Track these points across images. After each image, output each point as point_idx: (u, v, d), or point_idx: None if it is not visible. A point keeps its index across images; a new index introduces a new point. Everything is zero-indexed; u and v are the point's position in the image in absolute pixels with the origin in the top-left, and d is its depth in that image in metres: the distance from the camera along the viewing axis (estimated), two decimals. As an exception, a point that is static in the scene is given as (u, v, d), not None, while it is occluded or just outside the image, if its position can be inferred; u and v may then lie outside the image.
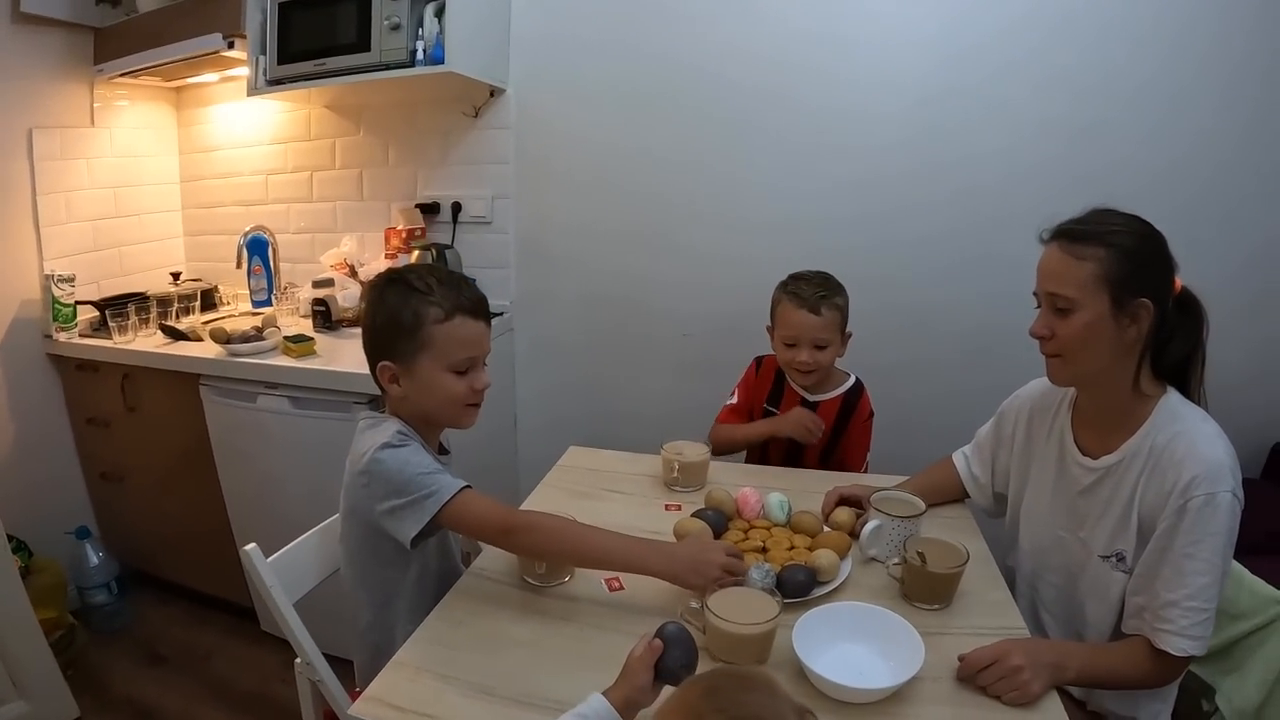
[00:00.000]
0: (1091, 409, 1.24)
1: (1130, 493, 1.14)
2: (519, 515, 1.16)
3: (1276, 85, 1.91)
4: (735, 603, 1.02)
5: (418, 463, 1.13)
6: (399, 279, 1.18)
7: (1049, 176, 2.05)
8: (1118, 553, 1.16)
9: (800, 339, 1.67)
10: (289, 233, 2.60)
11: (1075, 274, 1.10)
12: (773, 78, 2.14)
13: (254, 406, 2.02)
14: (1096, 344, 1.12)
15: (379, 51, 1.94)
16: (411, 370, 1.17)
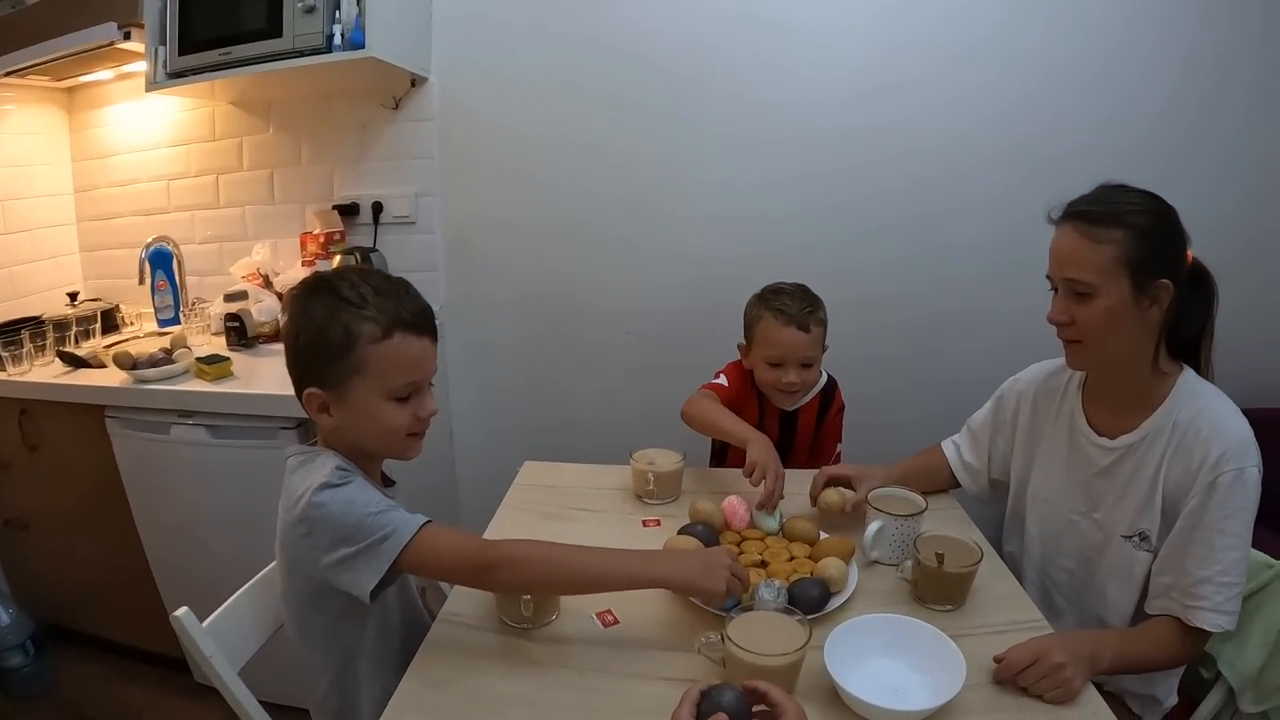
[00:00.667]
0: (1107, 390, 1.20)
1: (1154, 471, 1.11)
2: (495, 547, 1.00)
3: (1226, 71, 1.97)
4: (756, 630, 0.91)
5: (364, 501, 0.96)
6: (325, 286, 1.00)
7: (1000, 167, 2.07)
8: (1141, 532, 1.14)
9: (787, 359, 1.55)
10: (195, 243, 2.37)
11: (1094, 258, 1.06)
12: (712, 64, 2.07)
13: (167, 439, 1.81)
14: (1118, 328, 1.08)
15: (292, 37, 1.76)
16: (344, 398, 0.99)
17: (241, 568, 1.66)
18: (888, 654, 0.97)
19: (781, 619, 0.95)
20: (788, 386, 1.57)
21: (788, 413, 1.67)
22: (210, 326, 2.19)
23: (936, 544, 1.14)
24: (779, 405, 1.65)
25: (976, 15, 1.99)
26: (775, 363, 1.57)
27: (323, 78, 2.01)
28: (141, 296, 2.33)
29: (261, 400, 1.71)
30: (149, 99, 2.21)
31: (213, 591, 1.78)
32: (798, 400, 1.67)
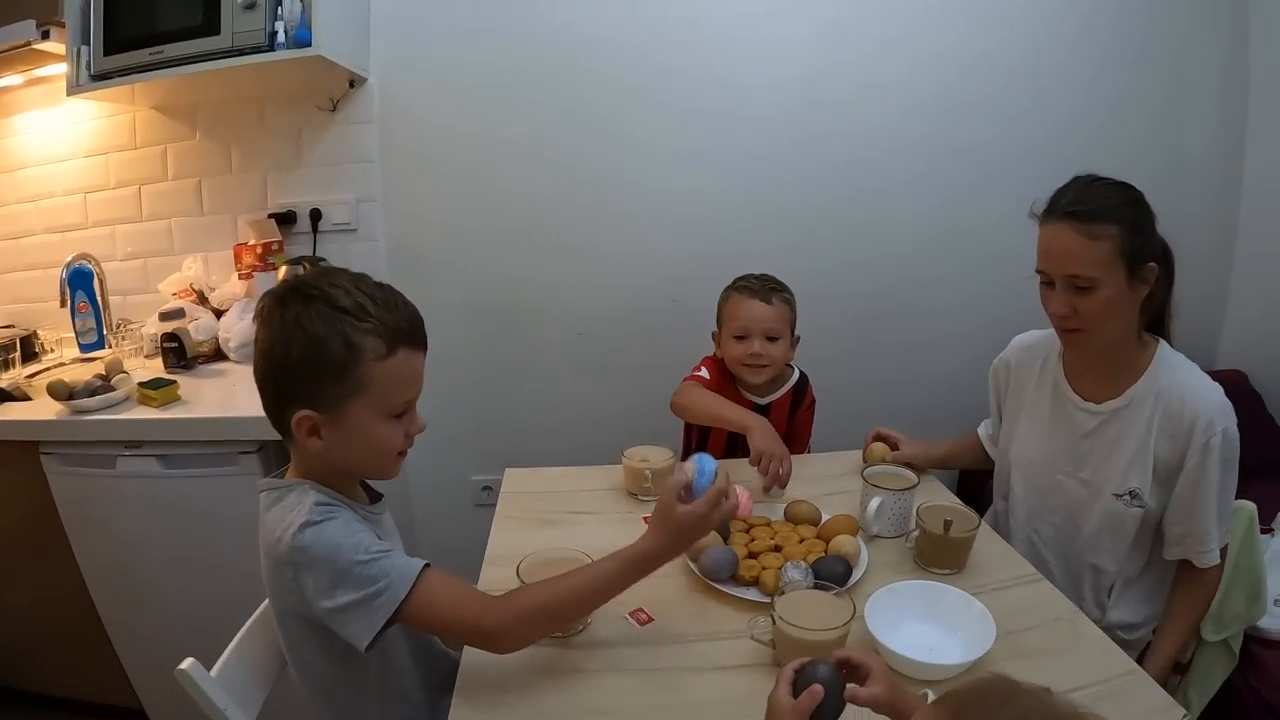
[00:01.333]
0: (1093, 361, 1.29)
1: (1142, 435, 1.22)
2: (492, 614, 0.90)
3: (1142, 61, 2.17)
4: (802, 608, 0.94)
5: (353, 545, 0.86)
6: (318, 294, 0.88)
7: (928, 150, 2.20)
8: (1131, 490, 1.24)
9: (751, 330, 1.62)
10: (116, 260, 2.19)
11: (1094, 254, 1.14)
12: (656, 65, 2.10)
13: (113, 473, 1.67)
14: (1116, 314, 1.18)
15: (231, 35, 1.65)
16: (339, 419, 0.89)
17: (204, 606, 1.55)
18: (921, 618, 1.02)
19: (822, 596, 0.98)
20: (753, 359, 1.62)
21: (760, 406, 1.70)
22: (143, 349, 2.04)
23: (936, 513, 1.21)
24: (749, 380, 1.67)
25: (899, 14, 2.11)
26: (740, 335, 1.63)
27: (258, 79, 1.90)
28: (59, 321, 2.15)
29: (219, 424, 1.62)
30: (61, 106, 2.04)
31: (172, 635, 1.67)
32: (772, 392, 1.71)
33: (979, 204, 2.23)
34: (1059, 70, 2.16)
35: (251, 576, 1.56)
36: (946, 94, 2.16)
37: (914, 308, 2.32)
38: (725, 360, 1.69)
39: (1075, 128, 2.19)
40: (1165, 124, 2.22)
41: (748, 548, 1.20)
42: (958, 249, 2.27)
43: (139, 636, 1.83)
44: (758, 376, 1.66)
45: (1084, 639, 1.03)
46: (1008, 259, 2.22)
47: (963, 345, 2.33)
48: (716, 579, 1.12)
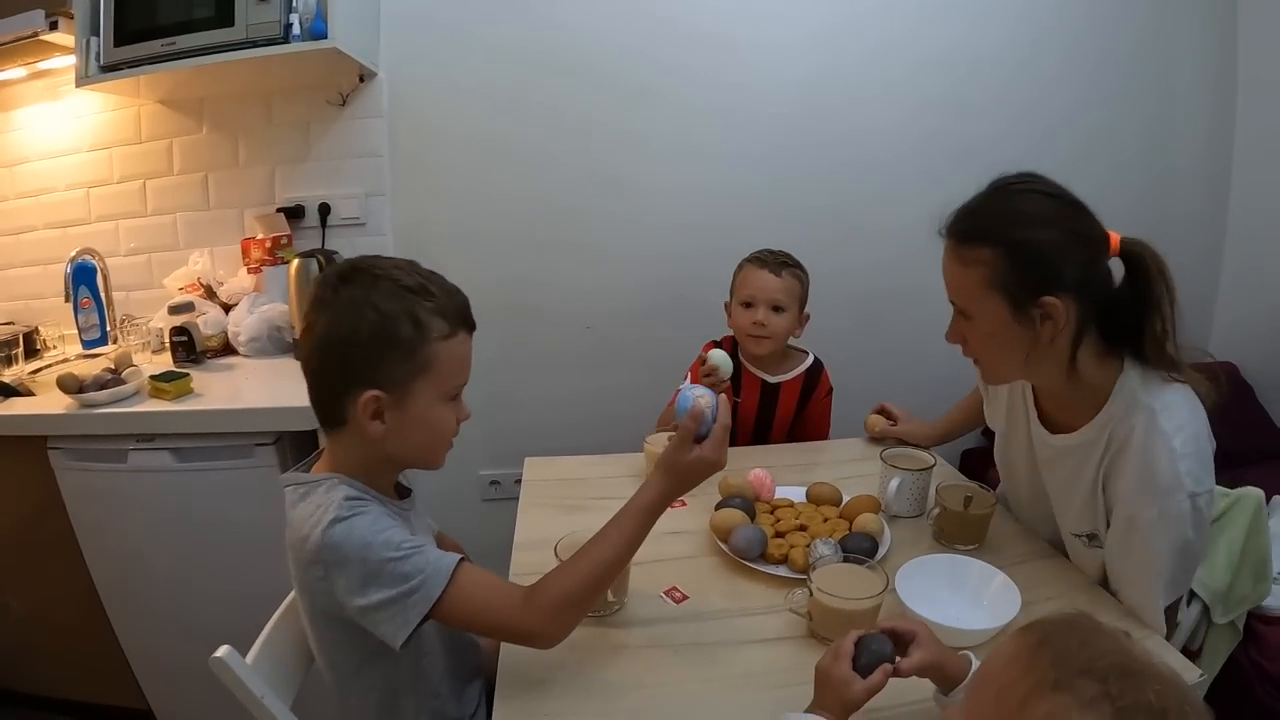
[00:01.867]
0: (1046, 394, 1.16)
1: (1091, 481, 1.06)
2: (531, 613, 0.88)
3: (1139, 61, 2.23)
4: (837, 581, 0.97)
5: (383, 542, 0.85)
6: (382, 273, 0.89)
7: (929, 151, 2.23)
8: (1088, 533, 1.11)
9: (757, 299, 1.66)
10: (120, 255, 2.18)
11: (963, 281, 1.01)
12: (662, 62, 2.12)
13: (124, 467, 1.66)
14: (1003, 348, 1.02)
15: (245, 26, 1.65)
16: (404, 401, 0.89)
17: (216, 603, 1.59)
18: (948, 589, 1.05)
19: (854, 569, 1.01)
20: (756, 327, 1.65)
21: (769, 385, 1.73)
22: (150, 344, 2.03)
23: (956, 492, 1.24)
24: (751, 350, 1.71)
25: (904, 10, 2.14)
26: (747, 303, 1.67)
27: (267, 73, 1.89)
28: (59, 318, 2.12)
29: (236, 415, 1.61)
30: (63, 100, 2.03)
31: (183, 634, 1.71)
32: (773, 366, 1.74)
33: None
34: (1056, 72, 2.22)
35: (267, 571, 1.55)
36: (946, 95, 2.20)
37: (914, 307, 2.31)
38: (733, 329, 1.73)
39: (1072, 127, 2.24)
40: (1157, 124, 2.29)
41: (774, 528, 1.22)
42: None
43: (148, 635, 1.81)
44: (759, 347, 1.69)
45: (1101, 607, 1.05)
46: None
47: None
48: (747, 557, 1.14)
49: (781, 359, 1.76)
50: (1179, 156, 2.31)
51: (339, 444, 0.95)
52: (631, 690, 0.92)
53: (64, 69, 1.97)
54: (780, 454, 1.63)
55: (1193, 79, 2.28)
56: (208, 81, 1.97)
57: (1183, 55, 2.26)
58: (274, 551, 1.62)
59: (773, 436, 1.77)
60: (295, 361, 1.84)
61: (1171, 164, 2.29)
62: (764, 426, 1.76)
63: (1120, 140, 2.25)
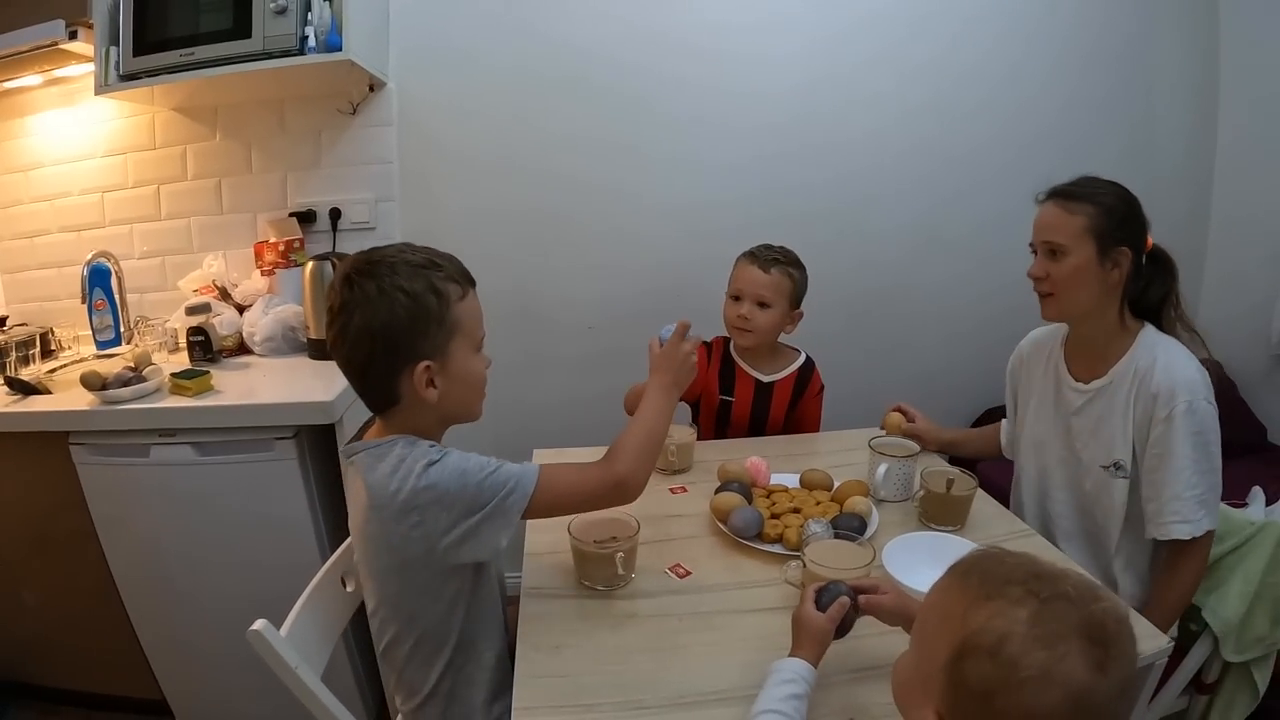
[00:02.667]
0: (1082, 343, 1.43)
1: (1123, 409, 1.33)
2: (613, 468, 1.05)
3: (1122, 69, 2.30)
4: (828, 554, 1.05)
5: (475, 466, 0.98)
6: (394, 259, 1.00)
7: (917, 158, 2.31)
8: (1116, 462, 1.34)
9: (744, 292, 1.71)
10: (134, 258, 2.24)
11: (1068, 225, 1.31)
12: (660, 69, 2.19)
13: (147, 461, 1.71)
14: (1083, 283, 1.32)
15: (262, 38, 1.72)
16: (448, 362, 1.01)
17: (232, 590, 1.64)
18: (932, 564, 1.10)
19: (844, 545, 1.09)
20: (740, 320, 1.71)
21: (762, 384, 1.80)
22: (166, 344, 2.09)
23: (939, 475, 1.33)
24: (737, 342, 1.77)
25: (891, 21, 2.22)
26: (736, 295, 1.73)
27: (280, 82, 1.96)
28: (74, 319, 2.19)
29: (256, 410, 1.67)
30: (78, 107, 2.09)
31: (199, 624, 1.78)
32: (765, 363, 1.80)
33: (965, 209, 2.34)
34: (1041, 81, 2.28)
35: (284, 562, 1.64)
36: (933, 103, 2.27)
37: (903, 308, 2.43)
38: (724, 320, 1.79)
39: (1057, 135, 2.31)
40: (1140, 131, 2.35)
41: (770, 510, 1.30)
42: (943, 254, 2.38)
43: (166, 626, 1.85)
44: (742, 339, 1.75)
45: None
46: (992, 264, 2.38)
47: (948, 344, 2.46)
48: (745, 536, 1.23)
49: (774, 357, 1.82)
50: (1162, 163, 2.37)
51: (393, 420, 1.05)
52: (640, 654, 1.00)
53: (80, 76, 2.04)
54: (774, 445, 1.71)
55: (1175, 87, 2.35)
56: (221, 90, 2.03)
57: (1165, 64, 2.33)
58: (291, 543, 1.74)
59: (766, 434, 1.83)
60: (309, 360, 1.96)
61: (1155, 170, 2.34)
62: (758, 424, 1.82)
63: (1104, 147, 2.31)
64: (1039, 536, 1.33)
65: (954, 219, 2.36)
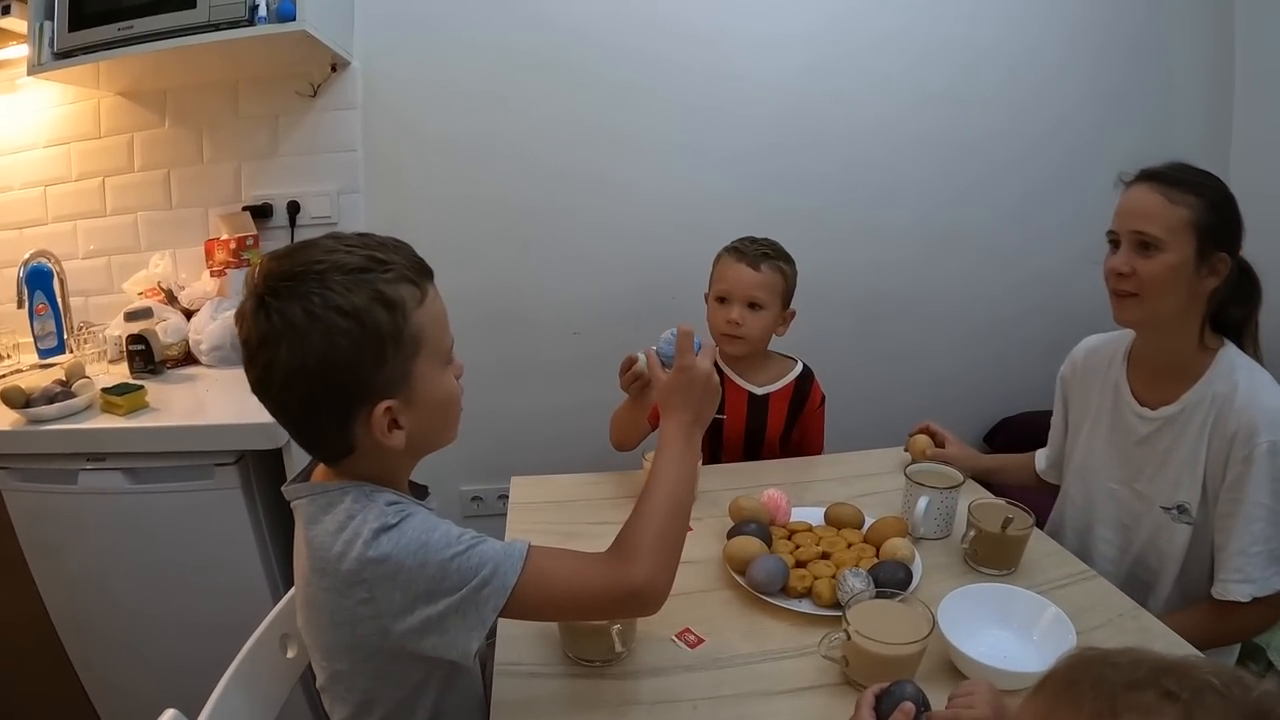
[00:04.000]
0: (1151, 359, 1.23)
1: (1194, 443, 1.14)
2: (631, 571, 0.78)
3: (1138, 55, 2.18)
4: (876, 620, 0.85)
5: (440, 539, 0.74)
6: (322, 266, 0.73)
7: (929, 147, 2.16)
8: (1180, 505, 1.16)
9: (733, 294, 1.51)
10: (78, 258, 2.04)
11: (1167, 215, 1.10)
12: (651, 50, 2.02)
13: (75, 489, 1.52)
14: (1175, 287, 1.11)
15: (208, 8, 1.53)
16: (412, 392, 0.77)
17: (183, 635, 1.49)
18: (995, 623, 0.96)
19: (894, 607, 0.90)
20: (730, 326, 1.51)
21: (756, 397, 1.60)
22: (106, 353, 1.89)
23: (993, 511, 1.14)
24: (726, 350, 1.56)
25: (898, 8, 2.07)
26: (722, 297, 1.53)
27: (234, 60, 1.77)
28: (14, 325, 1.97)
29: (192, 433, 1.48)
30: (18, 93, 1.89)
31: (148, 667, 1.61)
32: (770, 383, 1.60)
33: (981, 202, 2.22)
34: (1057, 66, 2.16)
35: (230, 598, 1.46)
36: (947, 89, 2.13)
37: (912, 310, 2.30)
38: (709, 326, 1.59)
39: (1073, 123, 2.19)
40: (1156, 119, 2.24)
41: (794, 555, 1.10)
42: (958, 250, 2.25)
43: (107, 665, 1.68)
44: (733, 347, 1.54)
45: (1151, 634, 0.98)
46: (1008, 260, 2.27)
47: (963, 346, 2.34)
48: (767, 592, 1.02)
49: (767, 366, 1.63)
50: (1178, 151, 2.21)
51: (345, 468, 0.81)
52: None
53: (19, 59, 1.83)
54: (787, 470, 1.51)
55: (1191, 74, 2.24)
56: (170, 71, 1.84)
57: (1181, 50, 2.22)
58: (238, 582, 1.55)
59: (763, 454, 1.64)
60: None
61: (1171, 159, 2.23)
62: (753, 442, 1.63)
63: (1120, 135, 2.20)
64: (1101, 580, 1.13)
65: (969, 212, 2.23)
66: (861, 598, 0.92)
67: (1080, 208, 2.19)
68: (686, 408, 0.90)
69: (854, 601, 0.90)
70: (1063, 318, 2.32)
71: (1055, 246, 2.25)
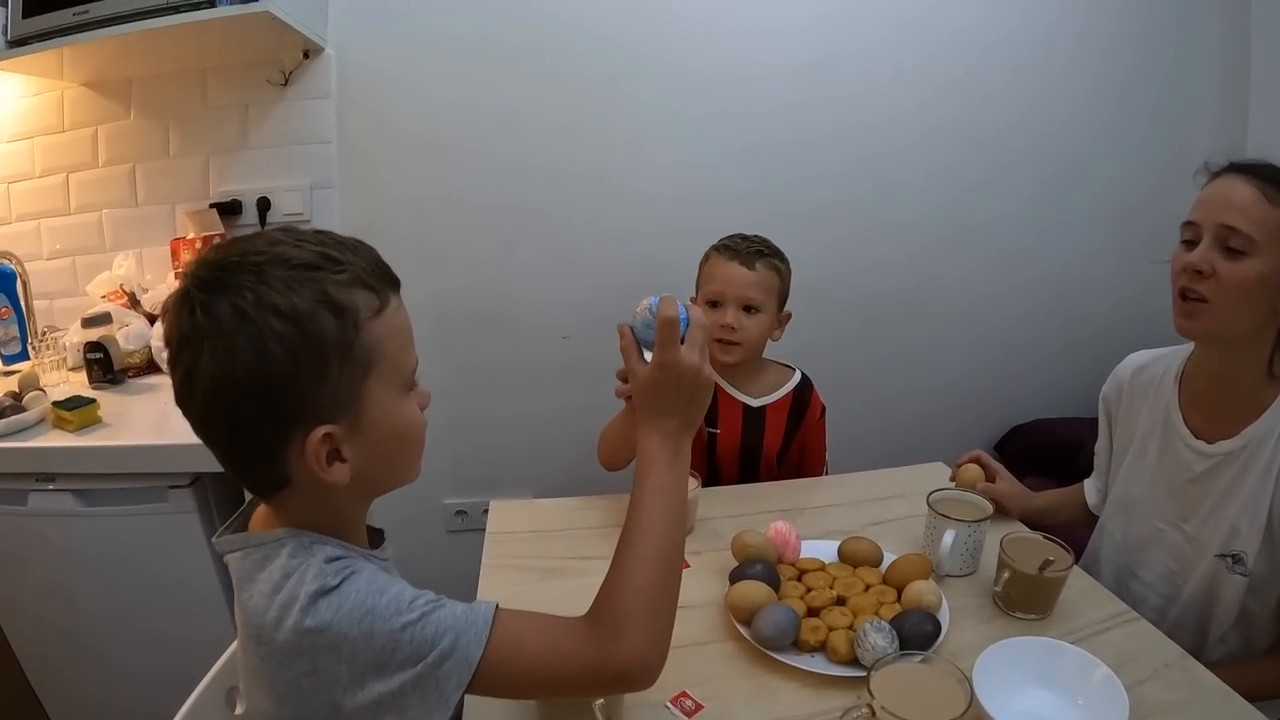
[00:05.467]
0: (1209, 385, 1.10)
1: (1257, 486, 1.01)
2: (616, 646, 0.65)
3: (1149, 46, 2.10)
4: (904, 689, 0.74)
5: (389, 604, 0.62)
6: (261, 259, 0.61)
7: (940, 142, 2.07)
8: (1235, 553, 1.03)
9: (726, 296, 1.40)
10: (42, 259, 1.92)
11: (1266, 216, 0.95)
12: (646, 43, 1.90)
13: (24, 510, 1.42)
14: (1257, 300, 0.97)
15: (166, -11, 1.41)
16: (360, 418, 0.64)
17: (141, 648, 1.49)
18: (1037, 683, 0.85)
19: (926, 671, 0.79)
20: (724, 331, 1.39)
21: (752, 409, 1.49)
22: (67, 360, 1.77)
23: (1029, 550, 1.03)
24: (720, 359, 1.43)
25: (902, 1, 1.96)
26: (714, 300, 1.42)
27: (200, 46, 1.65)
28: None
29: (142, 453, 1.37)
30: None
31: (115, 691, 1.56)
32: (766, 394, 1.50)
33: (990, 199, 2.12)
34: (1068, 59, 2.07)
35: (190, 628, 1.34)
36: (958, 82, 2.03)
37: (920, 310, 2.19)
38: None
39: (1086, 116, 2.10)
40: (1169, 112, 2.16)
41: (805, 600, 0.98)
42: (968, 247, 2.15)
43: (69, 686, 1.60)
44: (728, 354, 1.42)
45: (1203, 687, 0.89)
46: (1018, 257, 2.17)
47: (972, 348, 2.24)
48: (776, 648, 0.90)
49: (762, 374, 1.52)
50: (1191, 145, 2.15)
51: (283, 507, 0.69)
52: None
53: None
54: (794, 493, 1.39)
55: (1205, 63, 2.15)
56: (135, 58, 1.73)
57: (1194, 39, 2.12)
58: (198, 610, 1.45)
59: (761, 470, 1.52)
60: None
61: (1184, 153, 2.11)
62: (750, 459, 1.51)
63: (1132, 129, 2.12)
64: (1144, 622, 1.02)
65: (978, 208, 2.13)
66: (886, 660, 0.80)
67: (1094, 199, 2.13)
68: (670, 413, 0.75)
69: (880, 665, 0.78)
70: (1076, 317, 2.23)
71: (1068, 242, 2.17)
